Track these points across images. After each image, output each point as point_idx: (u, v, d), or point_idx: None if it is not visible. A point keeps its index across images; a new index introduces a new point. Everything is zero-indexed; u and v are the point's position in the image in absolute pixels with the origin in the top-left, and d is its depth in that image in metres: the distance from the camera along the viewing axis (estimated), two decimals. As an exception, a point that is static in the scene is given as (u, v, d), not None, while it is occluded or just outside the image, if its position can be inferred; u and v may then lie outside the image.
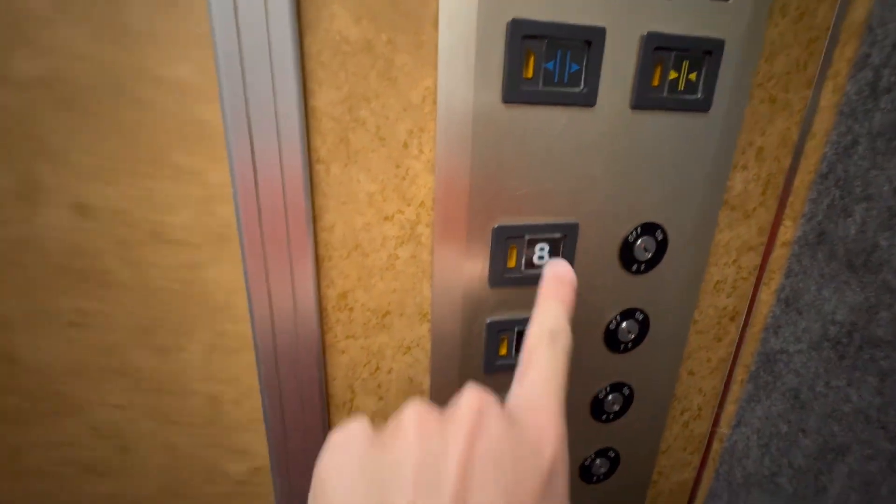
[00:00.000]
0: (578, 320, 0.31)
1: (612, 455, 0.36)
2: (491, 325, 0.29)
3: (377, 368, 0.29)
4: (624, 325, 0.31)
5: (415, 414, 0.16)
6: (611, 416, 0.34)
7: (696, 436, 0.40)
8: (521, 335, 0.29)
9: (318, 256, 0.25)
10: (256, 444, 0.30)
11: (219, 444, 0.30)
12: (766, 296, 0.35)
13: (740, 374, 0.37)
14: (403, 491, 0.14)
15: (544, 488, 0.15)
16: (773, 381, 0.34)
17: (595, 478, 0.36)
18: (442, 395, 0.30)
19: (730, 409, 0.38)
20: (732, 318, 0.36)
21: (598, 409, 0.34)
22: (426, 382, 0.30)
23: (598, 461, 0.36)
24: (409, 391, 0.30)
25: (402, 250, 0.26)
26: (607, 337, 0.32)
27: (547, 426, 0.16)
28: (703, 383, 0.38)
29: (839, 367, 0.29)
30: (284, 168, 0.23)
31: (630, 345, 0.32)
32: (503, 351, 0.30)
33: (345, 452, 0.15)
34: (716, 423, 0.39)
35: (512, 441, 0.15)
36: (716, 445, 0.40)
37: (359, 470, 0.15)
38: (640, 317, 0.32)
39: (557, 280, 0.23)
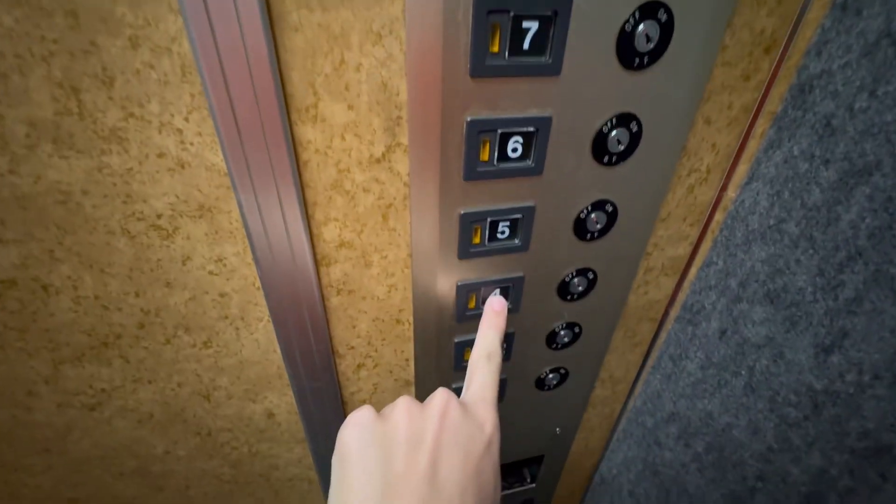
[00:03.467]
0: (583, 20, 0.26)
1: (610, 209, 0.34)
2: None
3: (342, 61, 0.24)
4: (641, 27, 0.26)
5: (405, 404, 0.25)
6: (613, 159, 0.31)
7: (698, 204, 0.38)
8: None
9: None
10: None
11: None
12: (816, 12, 0.29)
13: (762, 125, 0.33)
14: (400, 451, 0.23)
15: (486, 450, 0.25)
16: (801, 116, 0.30)
17: (590, 234, 0.34)
18: (419, 140, 0.26)
19: (741, 168, 0.35)
20: (767, 50, 0.30)
21: (600, 147, 0.30)
22: (402, 90, 0.25)
23: (594, 214, 0.33)
24: (382, 101, 0.25)
25: None
26: (619, 46, 0.26)
27: (486, 415, 0.26)
28: (718, 137, 0.34)
29: None
30: None
31: (647, 60, 0.27)
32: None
33: (361, 428, 0.24)
34: (724, 187, 0.36)
35: (466, 421, 0.25)
36: (718, 216, 0.38)
37: (370, 438, 0.23)
38: (664, 17, 0.26)
39: (494, 313, 0.33)
